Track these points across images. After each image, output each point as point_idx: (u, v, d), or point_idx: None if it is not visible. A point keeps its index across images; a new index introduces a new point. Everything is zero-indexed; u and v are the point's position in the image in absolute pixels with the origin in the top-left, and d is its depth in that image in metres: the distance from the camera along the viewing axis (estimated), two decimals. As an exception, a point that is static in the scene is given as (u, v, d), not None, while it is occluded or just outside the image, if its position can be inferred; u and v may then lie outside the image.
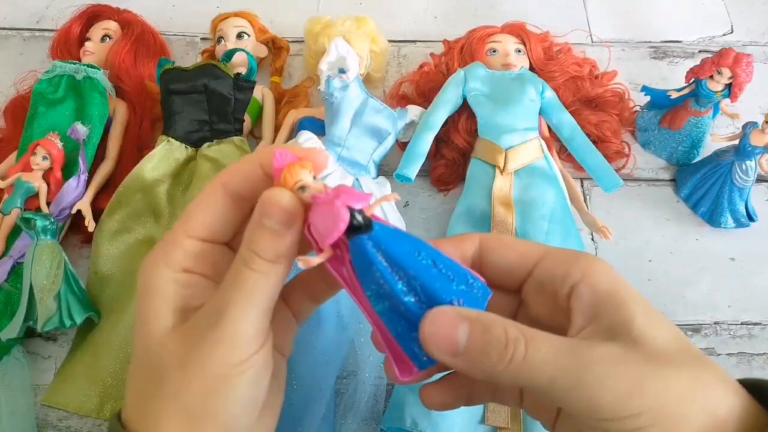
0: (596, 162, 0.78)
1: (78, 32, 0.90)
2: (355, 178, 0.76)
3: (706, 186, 0.80)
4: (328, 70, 0.77)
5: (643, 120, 0.87)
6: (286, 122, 0.85)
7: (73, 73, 0.81)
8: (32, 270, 0.65)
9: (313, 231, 0.30)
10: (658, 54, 0.98)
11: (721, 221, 0.79)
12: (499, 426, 0.63)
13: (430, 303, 0.30)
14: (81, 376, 0.64)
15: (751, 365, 0.73)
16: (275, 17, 0.99)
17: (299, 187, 0.30)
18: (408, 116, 0.81)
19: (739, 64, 0.75)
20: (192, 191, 0.77)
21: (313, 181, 0.31)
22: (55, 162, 0.75)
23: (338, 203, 0.29)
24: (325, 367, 0.67)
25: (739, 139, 0.76)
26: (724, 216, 0.79)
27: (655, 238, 0.81)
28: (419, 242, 0.32)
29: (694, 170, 0.83)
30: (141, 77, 0.87)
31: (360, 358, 0.68)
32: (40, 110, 0.80)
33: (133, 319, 0.67)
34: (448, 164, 0.83)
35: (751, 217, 0.79)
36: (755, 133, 0.74)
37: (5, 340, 0.66)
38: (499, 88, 0.81)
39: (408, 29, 1.00)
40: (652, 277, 0.79)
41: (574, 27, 0.99)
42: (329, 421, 0.66)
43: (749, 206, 0.79)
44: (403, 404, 0.63)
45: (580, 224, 0.78)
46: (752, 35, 1.01)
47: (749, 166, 0.76)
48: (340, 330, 0.69)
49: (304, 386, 0.66)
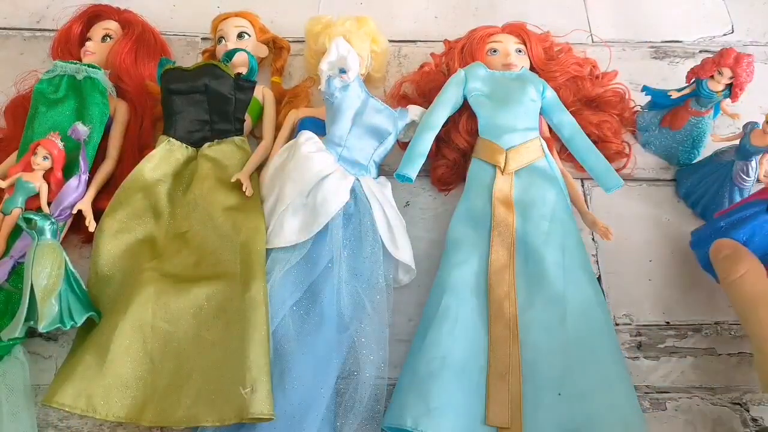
0: (597, 162, 0.78)
1: (78, 32, 0.90)
2: (355, 177, 0.76)
3: (706, 185, 0.80)
4: (328, 70, 0.77)
5: (643, 120, 0.87)
6: (286, 122, 0.85)
7: (73, 73, 0.81)
8: (33, 270, 0.65)
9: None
10: (659, 54, 0.98)
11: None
12: (500, 426, 0.63)
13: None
14: (82, 376, 0.64)
15: (751, 365, 0.73)
16: (276, 17, 0.99)
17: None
18: (408, 116, 0.81)
19: (739, 64, 0.75)
20: (192, 191, 0.77)
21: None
22: (55, 162, 0.75)
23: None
24: (325, 367, 0.67)
25: (739, 139, 0.76)
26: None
27: (655, 238, 0.81)
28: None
29: (694, 170, 0.83)
30: (141, 77, 0.87)
31: (360, 358, 0.68)
32: (41, 110, 0.80)
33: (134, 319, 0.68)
34: (449, 164, 0.83)
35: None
36: (756, 133, 0.74)
37: (6, 340, 0.66)
38: (499, 88, 0.81)
39: (408, 29, 1.00)
40: (652, 277, 0.79)
41: (575, 27, 0.99)
42: (329, 421, 0.66)
43: None
44: (403, 404, 0.63)
45: (581, 224, 0.79)
46: (753, 35, 1.01)
47: (750, 166, 0.76)
48: (340, 330, 0.69)
49: (304, 386, 0.66)
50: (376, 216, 0.73)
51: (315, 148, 0.76)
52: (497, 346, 0.67)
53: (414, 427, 0.61)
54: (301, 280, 0.72)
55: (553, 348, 0.67)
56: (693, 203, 0.83)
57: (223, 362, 0.65)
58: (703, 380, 0.72)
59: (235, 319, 0.67)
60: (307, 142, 0.76)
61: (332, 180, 0.74)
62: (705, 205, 0.81)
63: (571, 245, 0.74)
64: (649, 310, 0.76)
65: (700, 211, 0.82)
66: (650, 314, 0.76)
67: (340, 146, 0.77)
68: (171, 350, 0.67)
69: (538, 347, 0.68)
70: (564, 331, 0.68)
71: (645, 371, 0.72)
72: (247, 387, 0.62)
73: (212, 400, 0.63)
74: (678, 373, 0.72)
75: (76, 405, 0.63)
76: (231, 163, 0.80)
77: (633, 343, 0.74)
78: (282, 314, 0.69)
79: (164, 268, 0.72)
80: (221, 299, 0.69)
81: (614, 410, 0.63)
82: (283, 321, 0.69)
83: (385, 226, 0.74)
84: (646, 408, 0.69)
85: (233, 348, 0.65)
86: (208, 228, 0.74)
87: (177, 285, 0.70)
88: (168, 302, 0.68)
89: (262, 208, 0.76)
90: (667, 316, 0.76)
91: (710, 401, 0.70)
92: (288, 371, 0.66)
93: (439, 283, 0.72)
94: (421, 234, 0.81)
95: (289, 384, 0.65)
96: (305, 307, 0.71)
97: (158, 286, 0.69)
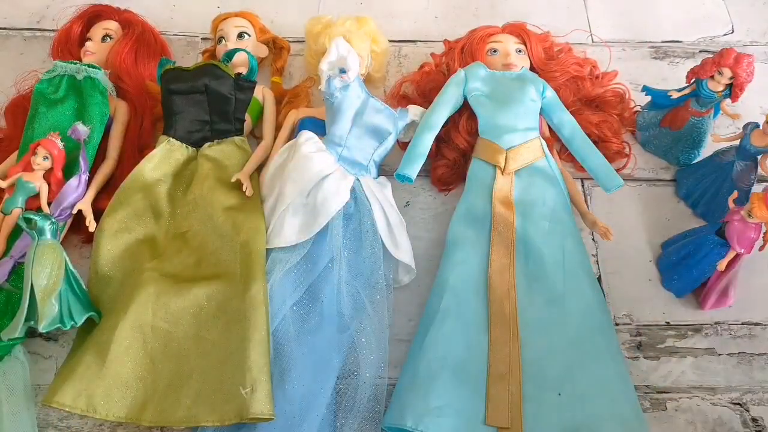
0: (597, 162, 0.78)
1: (79, 32, 0.90)
2: (355, 177, 0.76)
3: (706, 185, 0.80)
4: (328, 70, 0.77)
5: (643, 119, 0.87)
6: (286, 122, 0.85)
7: (74, 73, 0.81)
8: (33, 270, 0.65)
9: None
10: (659, 54, 0.98)
11: (720, 220, 0.79)
12: (500, 426, 0.63)
13: None
14: (82, 377, 0.64)
15: (751, 365, 0.73)
16: (276, 17, 0.99)
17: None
18: (408, 116, 0.81)
19: (740, 64, 0.75)
20: (192, 191, 0.77)
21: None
22: (56, 162, 0.75)
23: None
24: (325, 367, 0.67)
25: (739, 139, 0.76)
26: (724, 215, 0.79)
27: (656, 238, 0.81)
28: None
29: (694, 170, 0.83)
30: (142, 77, 0.87)
31: (360, 358, 0.68)
32: (41, 110, 0.80)
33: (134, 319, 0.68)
34: (449, 164, 0.83)
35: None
36: (756, 133, 0.73)
37: (6, 340, 0.66)
38: (499, 88, 0.81)
39: (408, 29, 1.00)
40: (653, 277, 0.79)
41: (575, 27, 0.99)
42: (329, 421, 0.66)
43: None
44: (403, 404, 0.63)
45: (581, 224, 0.79)
46: (753, 35, 1.01)
47: (750, 166, 0.76)
48: (340, 330, 0.69)
49: (304, 386, 0.66)
50: (376, 216, 0.73)
51: (315, 148, 0.76)
52: (497, 346, 0.67)
53: (414, 427, 0.61)
54: (301, 280, 0.72)
55: (554, 348, 0.67)
56: (693, 203, 0.83)
57: (224, 362, 0.65)
58: (703, 380, 0.72)
59: (235, 319, 0.67)
60: (307, 142, 0.76)
61: (332, 180, 0.74)
62: (705, 205, 0.81)
63: (571, 245, 0.74)
64: (649, 310, 0.76)
65: (700, 212, 0.82)
66: (650, 314, 0.76)
67: (340, 146, 0.77)
68: (171, 350, 0.67)
69: (538, 347, 0.68)
70: (564, 331, 0.68)
71: (645, 371, 0.72)
72: (247, 387, 0.62)
73: (212, 400, 0.63)
74: (678, 373, 0.72)
75: (76, 405, 0.63)
76: (231, 163, 0.80)
77: (633, 343, 0.74)
78: (282, 314, 0.69)
79: (164, 268, 0.72)
80: (221, 299, 0.69)
81: (614, 410, 0.63)
82: (283, 321, 0.69)
83: (385, 226, 0.74)
84: (646, 408, 0.69)
85: (233, 348, 0.65)
86: (208, 228, 0.74)
87: (177, 285, 0.70)
88: (168, 302, 0.68)
89: (262, 208, 0.76)
90: (667, 316, 0.76)
91: (710, 401, 0.70)
92: (288, 371, 0.66)
93: (439, 283, 0.72)
94: (421, 234, 0.81)
95: (289, 384, 0.65)
96: (305, 307, 0.71)
97: (158, 286, 0.69)
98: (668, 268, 0.77)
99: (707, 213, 0.81)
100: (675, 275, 0.76)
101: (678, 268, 0.75)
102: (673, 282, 0.77)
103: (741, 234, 0.68)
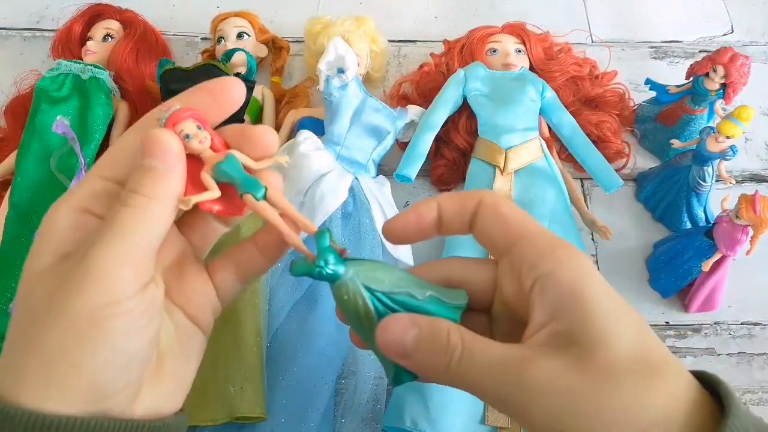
0: (596, 162, 0.78)
1: (79, 31, 0.89)
2: (354, 176, 0.76)
3: (664, 190, 0.79)
4: (326, 70, 0.77)
5: (642, 111, 0.87)
6: (286, 122, 0.85)
7: (78, 72, 0.81)
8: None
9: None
10: (659, 54, 0.98)
11: (679, 224, 0.79)
12: (500, 426, 0.63)
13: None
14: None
15: (751, 365, 0.73)
16: (275, 17, 0.99)
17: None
18: (408, 116, 0.81)
19: (733, 63, 0.75)
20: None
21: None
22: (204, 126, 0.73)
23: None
24: (325, 367, 0.67)
25: (696, 144, 0.75)
26: (682, 220, 0.78)
27: (655, 238, 0.81)
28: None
29: (654, 174, 0.82)
30: (143, 77, 0.87)
31: (360, 357, 0.68)
32: (43, 107, 0.79)
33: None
34: (448, 164, 0.83)
35: (710, 221, 0.77)
36: (710, 138, 0.72)
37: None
38: (499, 88, 0.81)
39: (408, 29, 1.00)
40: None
41: (574, 27, 0.99)
42: (329, 421, 0.66)
43: (708, 210, 0.78)
44: (403, 404, 0.63)
45: (580, 224, 0.78)
46: (752, 35, 1.01)
47: (706, 171, 0.74)
48: (340, 330, 0.69)
49: (304, 386, 0.66)
50: (375, 215, 0.73)
51: (313, 146, 0.76)
52: (497, 345, 0.67)
53: (413, 427, 0.61)
54: (300, 279, 0.72)
55: (553, 348, 0.67)
56: (652, 207, 0.82)
57: (216, 361, 0.65)
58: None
59: (228, 318, 0.67)
60: (306, 141, 0.76)
61: (330, 178, 0.74)
62: (663, 210, 0.80)
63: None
64: (649, 310, 0.76)
65: (658, 216, 0.81)
66: (650, 314, 0.76)
67: (338, 145, 0.77)
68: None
69: (537, 347, 0.67)
70: (563, 331, 0.68)
71: (645, 371, 0.72)
72: (237, 386, 0.61)
73: (204, 400, 0.63)
74: (678, 373, 0.72)
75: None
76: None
77: (633, 343, 0.74)
78: (282, 314, 0.69)
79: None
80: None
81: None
82: (283, 321, 0.69)
83: (385, 226, 0.74)
84: (645, 408, 0.69)
85: (225, 347, 0.65)
86: (207, 227, 0.74)
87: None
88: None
89: (261, 207, 0.76)
90: (667, 316, 0.76)
91: (710, 401, 0.70)
92: (287, 371, 0.66)
93: (438, 283, 0.72)
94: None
95: (288, 384, 0.65)
96: (305, 307, 0.71)
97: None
98: (657, 267, 0.76)
99: (665, 217, 0.80)
100: (662, 275, 0.75)
101: (666, 268, 0.75)
102: (660, 282, 0.76)
103: (728, 236, 0.67)
